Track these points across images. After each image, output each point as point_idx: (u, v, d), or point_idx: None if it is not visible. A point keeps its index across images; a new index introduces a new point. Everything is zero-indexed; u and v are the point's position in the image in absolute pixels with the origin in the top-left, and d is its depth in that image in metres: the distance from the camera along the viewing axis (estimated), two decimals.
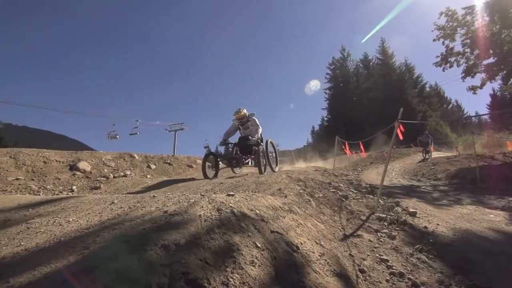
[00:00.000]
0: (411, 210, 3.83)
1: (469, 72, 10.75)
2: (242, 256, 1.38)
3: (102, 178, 6.34)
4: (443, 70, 11.37)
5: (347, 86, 41.84)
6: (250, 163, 6.10)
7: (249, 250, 1.47)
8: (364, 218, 3.43)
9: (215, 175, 5.96)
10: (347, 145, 9.46)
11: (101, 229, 1.60)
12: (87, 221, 1.85)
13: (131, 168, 7.57)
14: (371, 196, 4.50)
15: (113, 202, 2.28)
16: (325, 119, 46.58)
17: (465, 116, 41.30)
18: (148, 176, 7.48)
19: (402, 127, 4.32)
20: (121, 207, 2.09)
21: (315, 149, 31.85)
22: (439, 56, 11.35)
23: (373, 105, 38.37)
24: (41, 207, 2.36)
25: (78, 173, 6.37)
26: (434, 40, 11.25)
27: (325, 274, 1.71)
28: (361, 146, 8.56)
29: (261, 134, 6.35)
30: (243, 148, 6.10)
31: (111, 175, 6.57)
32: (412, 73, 40.72)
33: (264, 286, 1.29)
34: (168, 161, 9.39)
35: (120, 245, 1.25)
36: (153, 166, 8.37)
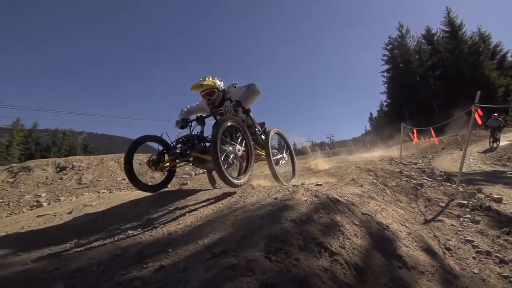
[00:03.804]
0: (495, 196, 3.72)
1: None
2: (346, 230, 1.78)
3: (186, 176, 7.39)
4: None
5: (408, 66, 38.36)
6: (234, 163, 3.01)
7: (350, 226, 1.86)
8: (443, 205, 3.50)
9: (162, 185, 3.43)
10: (415, 132, 8.96)
11: (233, 211, 2.17)
12: (215, 206, 2.46)
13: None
14: (448, 184, 4.44)
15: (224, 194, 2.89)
16: (385, 104, 43.62)
17: None
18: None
19: (480, 111, 4.18)
20: (233, 196, 2.68)
21: (375, 137, 30.18)
22: None
23: (440, 84, 34.58)
24: (174, 198, 3.10)
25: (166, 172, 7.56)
26: None
27: (414, 248, 2.01)
28: (432, 132, 8.10)
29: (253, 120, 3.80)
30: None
31: (193, 173, 7.58)
32: (488, 42, 35.34)
33: (368, 251, 1.67)
34: None
35: (259, 220, 1.77)
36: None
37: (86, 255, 1.90)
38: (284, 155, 4.12)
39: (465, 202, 3.45)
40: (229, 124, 2.91)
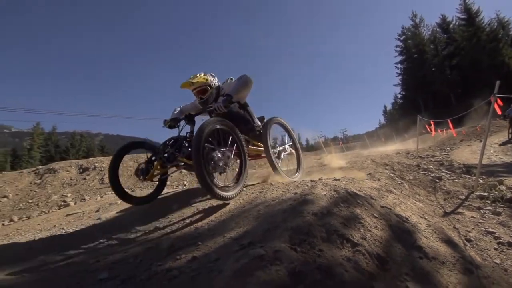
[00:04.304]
0: None
1: None
2: (367, 222, 1.84)
3: None
4: None
5: (423, 56, 37.24)
6: (224, 171, 2.62)
7: (370, 218, 1.92)
8: (463, 197, 3.48)
9: (150, 197, 3.15)
10: (432, 124, 8.76)
11: (254, 206, 2.27)
12: (236, 202, 2.56)
13: None
14: (468, 176, 4.38)
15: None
16: (399, 96, 42.65)
17: None
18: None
19: (500, 101, 4.09)
20: (253, 193, 2.77)
21: (390, 130, 29.61)
22: None
23: (457, 73, 33.48)
24: (195, 195, 3.23)
25: (184, 171, 7.75)
26: None
27: (434, 240, 2.04)
28: (450, 124, 7.92)
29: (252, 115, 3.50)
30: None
31: None
32: (507, 29, 33.88)
33: (389, 242, 1.73)
34: None
35: (281, 214, 1.85)
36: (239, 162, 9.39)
37: (121, 249, 2.04)
38: (286, 146, 3.76)
39: (486, 194, 3.41)
40: (216, 127, 2.54)
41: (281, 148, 3.69)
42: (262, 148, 3.36)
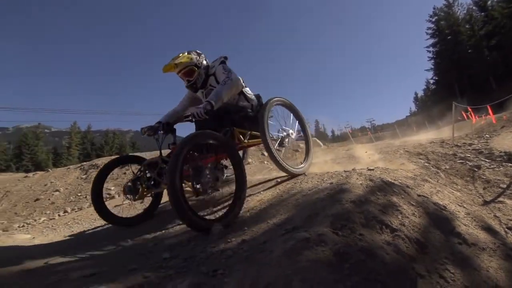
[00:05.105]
0: None
1: None
2: (404, 210, 1.91)
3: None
4: None
5: (457, 38, 34.85)
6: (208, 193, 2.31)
7: (407, 206, 1.98)
8: (504, 186, 3.37)
9: (145, 214, 2.97)
10: (470, 110, 8.29)
11: (291, 195, 2.40)
12: (273, 192, 2.71)
13: (250, 156, 8.95)
14: (510, 164, 4.18)
15: (277, 182, 3.13)
16: (431, 81, 40.36)
17: None
18: (265, 163, 8.68)
19: None
20: (288, 183, 2.90)
21: (422, 118, 28.21)
22: None
23: (497, 54, 30.92)
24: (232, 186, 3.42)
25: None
26: None
27: (474, 227, 2.06)
28: (489, 110, 7.47)
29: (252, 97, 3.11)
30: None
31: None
32: None
33: (427, 229, 1.79)
34: None
35: (320, 202, 1.97)
36: (266, 153, 9.58)
37: (172, 235, 2.28)
38: (291, 131, 3.28)
39: None
40: (193, 144, 2.12)
41: (284, 134, 3.24)
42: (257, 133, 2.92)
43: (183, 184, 2.05)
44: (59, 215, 5.50)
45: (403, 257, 1.46)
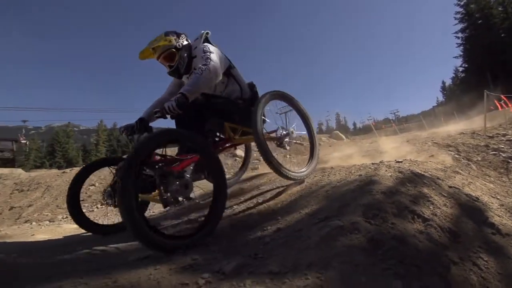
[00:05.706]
0: None
1: None
2: (435, 200, 1.94)
3: (255, 161, 7.99)
4: None
5: (489, 21, 32.65)
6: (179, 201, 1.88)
7: (438, 197, 2.01)
8: None
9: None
10: (504, 99, 7.83)
11: (320, 187, 2.49)
12: (302, 185, 2.81)
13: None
14: None
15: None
16: (460, 69, 38.21)
17: None
18: (288, 157, 8.78)
19: None
20: (315, 176, 2.98)
21: (450, 108, 26.89)
22: None
23: None
24: (259, 180, 3.56)
25: (238, 158, 8.29)
26: None
27: (508, 218, 2.05)
28: None
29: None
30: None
31: (260, 159, 8.16)
32: None
33: (459, 219, 1.82)
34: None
35: (350, 193, 2.04)
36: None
37: None
38: (290, 129, 2.87)
39: None
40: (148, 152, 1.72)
41: (284, 132, 2.86)
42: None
43: (153, 193, 1.98)
44: (97, 207, 5.92)
45: (436, 245, 1.52)
